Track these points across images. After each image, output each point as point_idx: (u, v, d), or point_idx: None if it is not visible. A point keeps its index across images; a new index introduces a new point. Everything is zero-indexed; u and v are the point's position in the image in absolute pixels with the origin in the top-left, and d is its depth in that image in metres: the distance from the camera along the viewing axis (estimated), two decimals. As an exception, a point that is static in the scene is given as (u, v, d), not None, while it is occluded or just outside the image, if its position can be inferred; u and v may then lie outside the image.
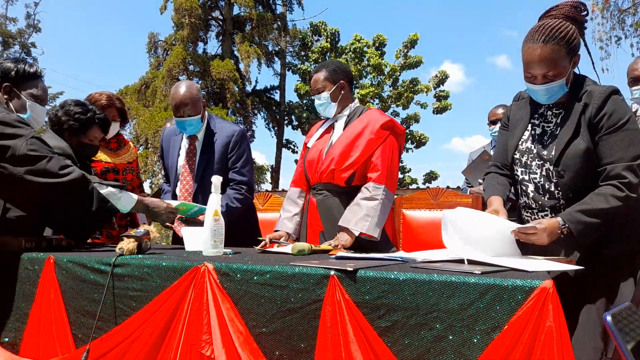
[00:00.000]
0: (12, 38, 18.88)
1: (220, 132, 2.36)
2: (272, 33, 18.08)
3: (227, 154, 2.33)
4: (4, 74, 1.79)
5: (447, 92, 17.18)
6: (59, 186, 1.61)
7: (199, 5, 16.50)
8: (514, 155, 1.62)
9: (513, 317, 0.98)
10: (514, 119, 1.68)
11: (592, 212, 1.37)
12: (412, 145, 17.43)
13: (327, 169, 1.98)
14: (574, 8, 1.51)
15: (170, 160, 2.45)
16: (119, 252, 1.49)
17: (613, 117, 1.42)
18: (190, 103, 2.24)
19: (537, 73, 1.47)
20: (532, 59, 1.46)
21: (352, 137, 1.95)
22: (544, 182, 1.54)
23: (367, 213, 1.84)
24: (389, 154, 1.92)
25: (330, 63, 2.10)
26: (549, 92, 1.49)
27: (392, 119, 2.00)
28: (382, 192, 1.87)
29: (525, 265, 1.15)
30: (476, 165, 2.80)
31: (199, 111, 2.28)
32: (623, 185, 1.38)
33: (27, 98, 1.83)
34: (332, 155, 1.97)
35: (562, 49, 1.44)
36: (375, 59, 16.59)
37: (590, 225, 1.37)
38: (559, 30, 1.43)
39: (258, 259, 1.41)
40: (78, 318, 1.47)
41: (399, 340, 1.09)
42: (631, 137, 1.41)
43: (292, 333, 1.20)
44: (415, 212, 2.65)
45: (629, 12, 10.65)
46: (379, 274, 1.12)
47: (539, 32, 1.45)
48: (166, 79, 16.36)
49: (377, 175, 1.89)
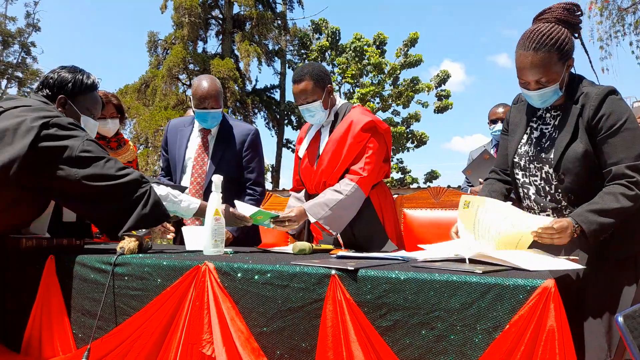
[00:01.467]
0: (11, 37, 18.86)
1: (237, 129, 2.38)
2: (272, 32, 18.06)
3: (242, 151, 2.35)
4: (60, 85, 1.70)
5: (448, 92, 17.18)
6: (117, 188, 1.54)
7: (198, 4, 16.48)
8: (513, 159, 1.63)
9: (515, 317, 0.98)
10: (513, 122, 1.68)
11: (605, 211, 1.34)
12: (413, 144, 17.43)
13: (320, 182, 2.00)
14: (567, 10, 1.50)
15: (177, 152, 2.41)
16: (119, 252, 1.49)
17: (611, 117, 1.41)
18: (215, 96, 2.26)
19: (529, 80, 1.47)
20: (524, 66, 1.46)
21: (335, 145, 1.96)
22: (544, 184, 1.53)
23: (326, 202, 1.87)
24: (369, 156, 1.93)
25: (311, 68, 1.98)
26: (543, 97, 1.49)
27: (373, 120, 1.95)
28: (352, 188, 1.89)
29: (527, 264, 1.15)
30: (477, 165, 2.80)
31: (222, 104, 2.31)
32: (633, 184, 1.36)
33: (82, 112, 1.74)
34: (322, 166, 1.99)
35: (554, 55, 1.43)
36: (375, 58, 16.58)
37: (603, 225, 1.34)
38: (549, 37, 1.43)
39: (259, 259, 1.41)
40: (79, 317, 1.46)
41: (400, 339, 1.09)
42: (632, 136, 1.40)
43: (293, 332, 1.19)
44: (416, 211, 2.64)
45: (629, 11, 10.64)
46: (380, 274, 1.12)
47: (530, 39, 1.44)
48: (166, 78, 16.35)
49: (354, 174, 1.93)
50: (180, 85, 17.39)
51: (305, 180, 2.10)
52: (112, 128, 2.67)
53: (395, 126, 17.00)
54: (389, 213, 2.10)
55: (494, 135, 3.11)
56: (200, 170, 2.34)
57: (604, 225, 1.34)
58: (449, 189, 2.66)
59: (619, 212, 1.34)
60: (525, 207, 1.62)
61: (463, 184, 3.34)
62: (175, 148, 2.42)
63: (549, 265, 1.17)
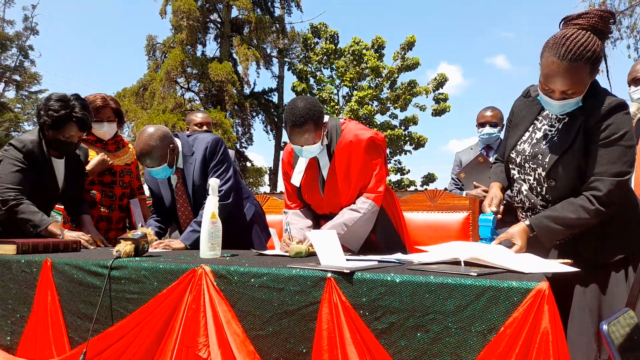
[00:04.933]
0: (9, 40, 18.87)
1: (197, 150, 2.26)
2: (271, 36, 18.11)
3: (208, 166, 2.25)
4: None
5: (446, 95, 17.23)
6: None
7: (197, 7, 16.51)
8: (510, 154, 1.63)
9: (509, 319, 0.98)
10: (518, 116, 1.66)
11: (559, 220, 1.42)
12: (411, 147, 17.46)
13: (337, 204, 2.00)
14: (602, 20, 1.39)
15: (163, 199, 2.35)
16: (116, 255, 1.49)
17: (610, 129, 1.40)
18: (149, 155, 2.08)
19: (556, 88, 1.40)
20: (554, 75, 1.37)
21: (343, 173, 1.95)
22: (537, 185, 1.54)
23: (345, 222, 1.89)
24: (378, 173, 1.98)
25: (311, 111, 1.85)
26: (564, 107, 1.44)
27: (371, 136, 1.94)
28: (369, 206, 1.93)
29: (521, 267, 1.16)
30: (471, 168, 2.78)
31: (163, 159, 2.12)
32: (595, 199, 1.39)
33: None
34: (332, 192, 1.99)
35: (587, 68, 1.37)
36: (373, 61, 16.63)
37: (555, 231, 1.43)
38: (586, 49, 1.35)
39: (255, 262, 1.41)
40: (74, 320, 1.46)
41: (396, 342, 1.09)
42: (620, 153, 1.40)
43: (289, 335, 1.20)
44: (413, 214, 2.65)
45: (625, 14, 10.70)
46: (376, 276, 1.13)
47: (566, 47, 1.35)
48: (164, 81, 16.36)
49: (369, 192, 1.97)
50: (179, 89, 17.41)
51: (311, 202, 2.10)
52: (109, 131, 2.67)
53: (393, 129, 17.04)
54: (398, 214, 2.16)
55: (482, 139, 3.08)
56: (186, 212, 2.32)
57: (555, 232, 1.43)
58: (446, 192, 2.67)
59: (573, 224, 1.41)
60: (518, 201, 1.63)
61: (450, 186, 3.26)
62: (160, 194, 2.37)
63: (542, 268, 1.17)
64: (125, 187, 2.76)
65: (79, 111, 2.16)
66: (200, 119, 3.57)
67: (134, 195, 2.83)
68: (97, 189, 2.64)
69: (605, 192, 1.38)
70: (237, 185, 2.37)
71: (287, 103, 1.98)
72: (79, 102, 2.19)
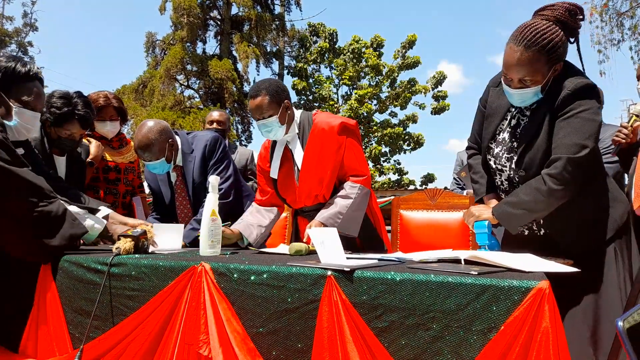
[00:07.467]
0: (8, 37, 18.83)
1: (197, 148, 2.27)
2: (271, 33, 18.07)
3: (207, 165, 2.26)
4: None
5: (445, 93, 17.21)
6: None
7: (197, 4, 16.47)
8: (489, 144, 1.62)
9: (509, 318, 0.98)
10: (491, 105, 1.64)
11: (516, 204, 1.42)
12: (410, 146, 17.45)
13: (312, 196, 2.00)
14: (568, 12, 1.43)
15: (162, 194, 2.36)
16: (115, 252, 1.49)
17: (573, 103, 1.39)
18: (147, 148, 2.09)
19: (513, 76, 1.44)
20: (510, 62, 1.42)
21: (317, 157, 1.95)
22: (513, 175, 1.55)
23: (339, 211, 1.89)
24: (355, 153, 1.98)
25: (268, 83, 1.94)
26: (522, 97, 1.46)
27: (342, 122, 1.96)
28: (358, 189, 1.94)
29: (522, 266, 1.16)
30: None
31: (161, 153, 2.14)
32: (549, 177, 1.37)
33: (15, 103, 1.61)
34: (307, 180, 1.98)
35: (543, 57, 1.38)
36: (373, 60, 16.61)
37: (514, 216, 1.42)
38: (543, 37, 1.37)
39: (255, 259, 1.41)
40: (75, 318, 1.46)
41: (396, 340, 1.09)
42: (578, 124, 1.37)
43: (289, 333, 1.20)
44: (413, 212, 2.65)
45: (627, 15, 10.70)
46: (376, 275, 1.13)
47: (523, 35, 1.39)
48: (164, 78, 16.32)
49: (355, 175, 1.98)
50: (178, 86, 17.37)
51: (287, 196, 2.09)
52: (111, 130, 2.67)
53: (393, 127, 17.03)
54: (375, 212, 2.14)
55: None
56: (185, 209, 2.31)
57: (514, 216, 1.42)
58: (446, 191, 2.67)
59: (530, 205, 1.40)
60: (499, 184, 1.64)
61: (451, 185, 3.29)
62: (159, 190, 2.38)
63: (542, 268, 1.17)
64: (129, 185, 2.76)
65: (82, 109, 2.17)
66: (213, 117, 3.66)
67: (135, 193, 2.83)
68: (102, 187, 2.64)
69: (560, 169, 1.35)
70: (237, 184, 2.38)
71: None
72: (82, 99, 2.19)
